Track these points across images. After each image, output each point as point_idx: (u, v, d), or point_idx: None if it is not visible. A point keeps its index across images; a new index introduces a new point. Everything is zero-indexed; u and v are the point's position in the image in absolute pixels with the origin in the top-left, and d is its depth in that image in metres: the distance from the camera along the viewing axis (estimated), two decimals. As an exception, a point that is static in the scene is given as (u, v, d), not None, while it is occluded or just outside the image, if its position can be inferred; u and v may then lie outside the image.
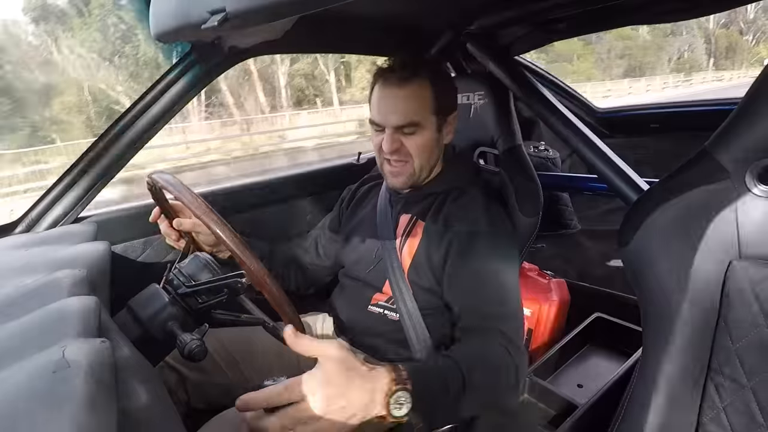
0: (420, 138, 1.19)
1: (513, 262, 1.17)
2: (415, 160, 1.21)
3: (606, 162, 1.33)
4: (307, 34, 1.47)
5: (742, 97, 0.67)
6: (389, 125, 1.18)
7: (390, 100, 1.18)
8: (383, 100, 1.19)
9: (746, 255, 0.68)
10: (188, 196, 0.84)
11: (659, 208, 0.73)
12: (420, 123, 1.18)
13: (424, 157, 1.22)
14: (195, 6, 0.73)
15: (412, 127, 1.17)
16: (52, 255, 0.93)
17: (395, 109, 1.17)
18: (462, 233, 1.17)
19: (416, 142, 1.19)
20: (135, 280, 1.41)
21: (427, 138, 1.20)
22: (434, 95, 1.19)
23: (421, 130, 1.19)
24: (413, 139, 1.19)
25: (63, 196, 1.32)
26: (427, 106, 1.18)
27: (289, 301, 0.88)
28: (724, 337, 0.69)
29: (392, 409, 0.71)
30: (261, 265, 0.84)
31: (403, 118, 1.17)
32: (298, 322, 0.90)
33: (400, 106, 1.17)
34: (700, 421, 0.73)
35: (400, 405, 0.72)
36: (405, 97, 1.16)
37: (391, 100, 1.18)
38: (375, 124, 1.22)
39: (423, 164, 1.23)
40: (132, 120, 1.34)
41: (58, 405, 0.42)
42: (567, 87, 2.47)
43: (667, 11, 1.28)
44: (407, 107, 1.16)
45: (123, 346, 0.68)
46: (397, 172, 1.24)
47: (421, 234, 1.24)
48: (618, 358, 1.40)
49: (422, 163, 1.23)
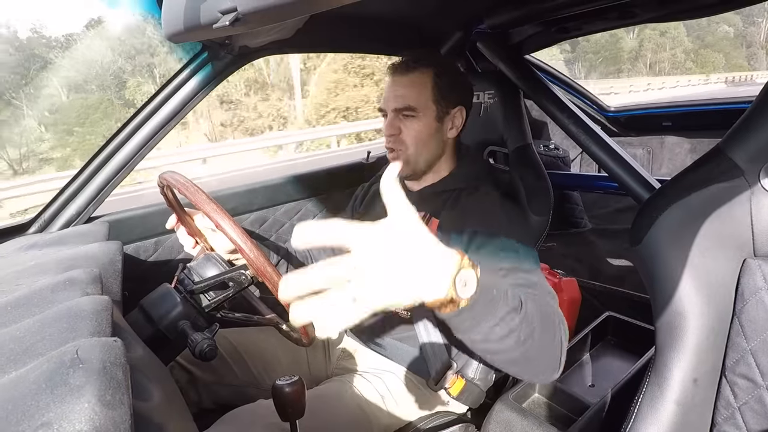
0: (417, 124, 1.22)
1: (535, 258, 1.14)
2: (410, 147, 1.23)
3: (617, 160, 1.33)
4: (318, 34, 1.47)
5: (757, 95, 0.66)
6: (389, 109, 1.23)
7: (393, 86, 1.23)
8: (388, 88, 1.24)
9: (760, 253, 0.67)
10: (199, 195, 0.85)
11: (672, 206, 0.72)
12: (417, 109, 1.20)
13: (420, 145, 1.24)
14: (206, 6, 0.74)
15: (409, 111, 1.21)
16: (65, 254, 0.93)
17: (395, 94, 1.22)
18: (480, 231, 1.15)
19: (414, 128, 1.22)
20: (146, 279, 1.43)
21: (423, 125, 1.22)
22: (436, 84, 1.21)
23: (418, 116, 1.21)
24: (410, 125, 1.22)
25: (76, 197, 1.33)
26: (426, 94, 1.21)
27: None
28: (738, 335, 0.69)
29: (458, 287, 0.61)
30: (265, 257, 0.85)
31: (402, 101, 1.21)
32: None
33: (400, 92, 1.21)
34: (715, 420, 0.72)
35: (464, 284, 0.62)
36: (405, 84, 1.21)
37: (393, 87, 1.23)
38: (381, 110, 1.27)
39: (419, 151, 1.25)
40: (143, 120, 1.35)
41: (72, 403, 0.42)
42: (577, 85, 2.46)
43: (679, 10, 1.27)
44: (406, 93, 1.21)
45: (135, 345, 0.68)
46: (394, 157, 1.26)
47: (435, 231, 1.24)
48: (630, 357, 1.39)
49: (418, 150, 1.24)
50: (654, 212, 0.75)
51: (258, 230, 1.77)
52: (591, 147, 1.38)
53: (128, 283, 0.94)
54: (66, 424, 0.40)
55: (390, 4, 1.42)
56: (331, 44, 1.66)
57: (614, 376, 1.25)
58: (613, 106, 2.57)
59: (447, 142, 1.28)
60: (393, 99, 1.22)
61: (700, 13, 1.26)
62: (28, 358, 0.52)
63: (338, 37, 1.60)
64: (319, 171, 2.00)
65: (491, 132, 1.53)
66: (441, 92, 1.22)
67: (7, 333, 0.58)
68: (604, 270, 2.38)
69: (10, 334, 0.57)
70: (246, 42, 1.26)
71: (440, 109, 1.23)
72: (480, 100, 1.54)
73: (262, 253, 0.85)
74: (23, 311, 0.65)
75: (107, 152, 1.34)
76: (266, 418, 1.03)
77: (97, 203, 1.36)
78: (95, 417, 0.41)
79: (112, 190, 1.37)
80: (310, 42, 1.53)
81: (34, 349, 0.53)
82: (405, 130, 1.23)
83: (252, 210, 1.75)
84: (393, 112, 1.23)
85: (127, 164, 1.36)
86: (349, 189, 1.85)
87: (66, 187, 1.34)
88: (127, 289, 0.92)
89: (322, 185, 1.96)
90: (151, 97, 1.35)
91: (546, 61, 2.22)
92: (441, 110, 1.23)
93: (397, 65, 1.23)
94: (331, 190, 1.97)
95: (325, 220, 0.56)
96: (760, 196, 0.65)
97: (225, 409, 1.13)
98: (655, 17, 1.34)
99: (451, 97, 1.24)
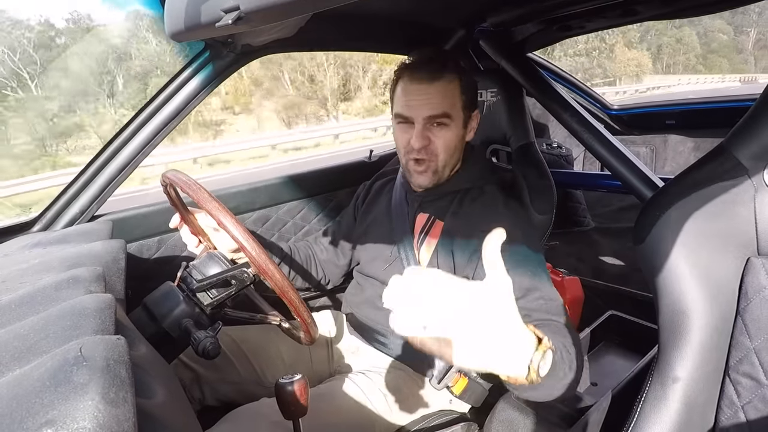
0: (449, 133, 1.18)
1: (541, 260, 1.14)
2: (441, 156, 1.20)
3: (620, 159, 1.32)
4: (321, 32, 1.47)
5: (761, 93, 0.66)
6: (421, 117, 1.16)
7: (421, 94, 1.16)
8: (413, 95, 1.17)
9: (764, 251, 0.67)
10: (201, 193, 0.85)
11: (675, 204, 0.72)
12: (452, 116, 1.17)
13: (449, 154, 1.21)
14: (209, 5, 0.74)
15: (444, 118, 1.16)
16: (69, 253, 0.94)
17: (428, 102, 1.15)
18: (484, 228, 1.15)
19: (445, 138, 1.18)
20: (150, 278, 1.43)
21: (454, 133, 1.19)
22: (462, 91, 1.18)
23: (450, 125, 1.18)
24: (442, 134, 1.18)
25: (79, 195, 1.33)
26: (456, 102, 1.17)
27: (294, 288, 0.88)
28: (742, 334, 0.69)
29: (540, 369, 0.64)
30: (268, 254, 0.85)
31: (437, 108, 1.15)
32: (304, 310, 0.91)
33: (434, 100, 1.15)
34: (718, 420, 0.72)
35: (544, 365, 0.66)
36: (436, 91, 1.15)
37: (423, 95, 1.15)
38: (402, 117, 1.20)
39: (447, 161, 1.22)
40: (146, 119, 1.35)
41: (76, 400, 0.42)
42: (581, 84, 2.45)
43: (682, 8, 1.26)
44: (440, 101, 1.15)
45: (139, 343, 0.68)
46: (423, 170, 1.22)
47: (439, 234, 1.23)
48: (633, 356, 1.39)
49: (447, 159, 1.21)
50: (657, 211, 0.74)
51: (260, 229, 1.78)
52: (594, 145, 1.38)
53: (131, 282, 0.95)
54: (70, 422, 0.40)
55: (392, 2, 1.42)
56: (333, 43, 1.66)
57: (617, 375, 1.25)
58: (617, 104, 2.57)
59: (464, 145, 1.28)
60: (425, 106, 1.16)
61: (702, 11, 1.26)
62: (32, 356, 0.52)
63: (341, 36, 1.60)
64: (322, 170, 2.00)
65: (494, 130, 1.53)
66: (467, 98, 1.19)
67: (11, 331, 0.58)
68: (607, 269, 2.38)
69: (14, 331, 0.57)
70: (248, 40, 1.26)
71: (466, 114, 1.21)
72: (483, 98, 1.54)
73: (264, 251, 0.85)
74: (27, 309, 0.65)
75: (110, 151, 1.34)
76: (269, 416, 1.03)
77: (100, 202, 1.36)
78: (99, 414, 0.41)
79: (116, 189, 1.37)
80: (312, 41, 1.53)
81: (37, 347, 0.54)
82: (435, 140, 1.18)
83: (254, 209, 1.75)
84: (424, 120, 1.17)
85: (130, 163, 1.36)
86: (352, 188, 1.84)
87: (69, 185, 1.34)
88: (130, 288, 0.92)
89: (324, 184, 1.96)
90: (154, 95, 1.35)
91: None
92: (467, 116, 1.21)
93: (420, 71, 1.16)
94: (333, 189, 1.97)
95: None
96: (764, 194, 0.65)
97: (228, 407, 1.14)
98: (657, 15, 1.33)
99: (473, 102, 1.23)
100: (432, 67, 1.15)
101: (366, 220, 1.44)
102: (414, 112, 1.17)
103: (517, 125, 1.47)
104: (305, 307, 0.92)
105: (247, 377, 1.31)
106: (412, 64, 1.19)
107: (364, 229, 1.42)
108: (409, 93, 1.17)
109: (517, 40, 1.61)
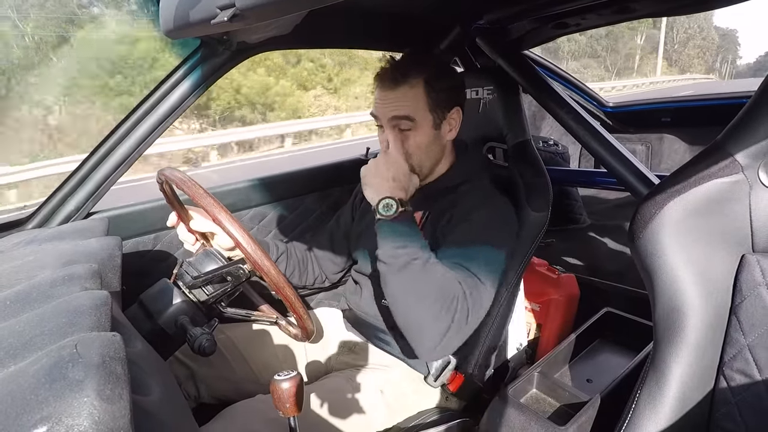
0: (417, 136, 1.20)
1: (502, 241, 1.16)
2: (413, 156, 1.22)
3: (616, 156, 1.32)
4: (317, 30, 1.46)
5: (755, 90, 0.66)
6: (385, 119, 1.20)
7: (385, 99, 1.20)
8: (379, 99, 1.21)
9: (759, 248, 0.67)
10: (197, 190, 0.85)
11: (671, 201, 0.72)
12: (415, 118, 1.18)
13: (420, 153, 1.23)
14: (204, 2, 0.73)
15: (406, 121, 1.19)
16: (64, 250, 0.93)
17: (390, 104, 1.19)
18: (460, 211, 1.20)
19: (414, 141, 1.21)
20: (146, 275, 1.43)
21: (423, 136, 1.21)
22: (429, 93, 1.19)
23: (416, 128, 1.20)
24: (411, 137, 1.20)
25: (75, 192, 1.33)
26: (421, 105, 1.19)
27: (290, 285, 0.89)
28: (736, 330, 0.69)
29: (380, 207, 1.05)
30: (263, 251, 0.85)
31: (399, 111, 1.18)
32: (300, 306, 0.91)
33: (396, 103, 1.18)
34: (713, 416, 0.73)
35: (384, 209, 1.05)
36: (396, 97, 1.18)
37: (385, 99, 1.20)
38: (375, 118, 1.24)
39: (422, 161, 1.24)
40: (142, 116, 1.34)
41: (71, 397, 0.42)
42: (577, 81, 2.45)
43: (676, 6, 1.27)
44: (401, 105, 1.18)
45: (134, 340, 0.68)
46: None
47: (431, 229, 1.24)
48: (628, 353, 1.39)
49: (421, 159, 1.23)
50: (653, 208, 0.75)
51: (257, 226, 1.77)
52: (590, 143, 1.38)
53: (127, 279, 0.95)
54: (65, 418, 0.40)
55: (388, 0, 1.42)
56: (329, 40, 1.66)
57: (612, 371, 1.25)
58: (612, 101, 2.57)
59: (446, 144, 1.29)
60: (387, 109, 1.20)
61: (696, 8, 1.26)
62: (28, 353, 0.52)
63: (336, 34, 1.60)
64: (319, 167, 1.99)
65: (490, 128, 1.53)
66: (436, 99, 1.20)
67: (7, 327, 0.58)
68: (602, 266, 2.38)
69: (10, 328, 0.57)
70: (244, 38, 1.26)
71: (438, 115, 1.22)
72: (479, 96, 1.54)
73: (259, 247, 0.86)
74: (22, 306, 0.65)
75: (106, 148, 1.33)
76: (265, 413, 1.04)
77: (96, 198, 1.35)
78: (94, 411, 0.41)
79: (111, 186, 1.37)
80: (308, 38, 1.52)
81: (33, 344, 0.53)
82: (405, 143, 1.21)
83: (251, 206, 1.75)
84: (389, 122, 1.20)
85: (126, 160, 1.35)
86: (349, 185, 1.84)
87: (65, 182, 1.33)
88: (126, 285, 0.92)
89: (321, 181, 1.95)
90: (150, 92, 1.35)
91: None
92: (438, 116, 1.22)
93: (384, 77, 1.20)
94: (330, 186, 1.97)
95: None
96: (759, 191, 0.65)
97: (224, 403, 1.14)
98: (653, 12, 1.34)
99: (446, 102, 1.23)
100: (395, 73, 1.18)
101: (364, 218, 1.44)
102: (380, 113, 1.21)
103: (514, 122, 1.47)
104: (301, 303, 0.92)
105: (242, 374, 1.31)
106: (381, 70, 1.21)
107: (362, 227, 1.42)
108: (376, 97, 1.23)
109: (513, 38, 1.61)
